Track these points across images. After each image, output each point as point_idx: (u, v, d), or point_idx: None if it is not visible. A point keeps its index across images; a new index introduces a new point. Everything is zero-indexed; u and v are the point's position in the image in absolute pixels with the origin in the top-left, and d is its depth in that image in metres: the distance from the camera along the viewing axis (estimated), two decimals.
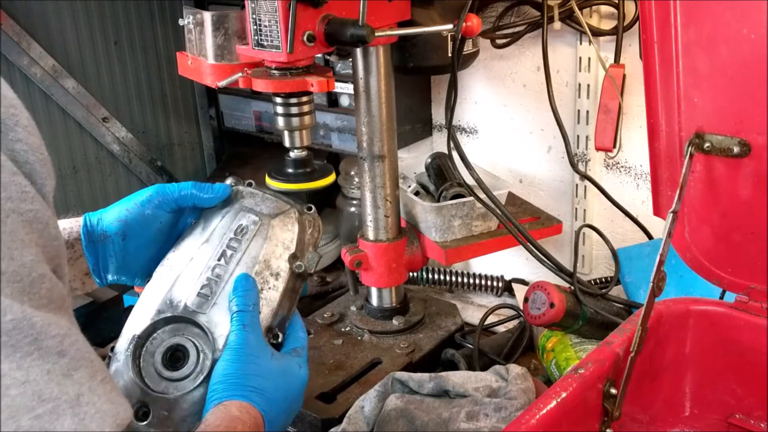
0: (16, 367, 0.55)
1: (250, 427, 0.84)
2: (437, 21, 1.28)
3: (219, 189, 1.01)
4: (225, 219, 1.00)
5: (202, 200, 1.01)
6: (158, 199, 0.99)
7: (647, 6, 0.98)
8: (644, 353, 0.97)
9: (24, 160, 0.61)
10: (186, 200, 1.00)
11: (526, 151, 1.64)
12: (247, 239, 0.98)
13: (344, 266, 1.47)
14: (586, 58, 1.47)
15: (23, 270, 0.57)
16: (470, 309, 1.61)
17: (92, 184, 1.82)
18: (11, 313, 0.55)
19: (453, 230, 1.41)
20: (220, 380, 0.87)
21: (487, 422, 1.08)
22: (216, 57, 1.25)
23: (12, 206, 0.58)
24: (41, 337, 0.56)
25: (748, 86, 0.94)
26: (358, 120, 1.33)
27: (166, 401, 0.90)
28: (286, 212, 1.01)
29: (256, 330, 0.92)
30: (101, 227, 0.98)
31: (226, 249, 0.97)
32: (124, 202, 0.99)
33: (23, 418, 0.54)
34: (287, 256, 0.98)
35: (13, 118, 0.61)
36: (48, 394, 0.56)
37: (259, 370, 0.89)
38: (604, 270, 1.62)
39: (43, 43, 1.66)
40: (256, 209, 1.00)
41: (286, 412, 0.92)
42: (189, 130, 2.00)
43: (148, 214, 0.99)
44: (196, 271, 0.96)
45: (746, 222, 1.02)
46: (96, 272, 0.99)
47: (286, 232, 0.99)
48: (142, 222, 0.99)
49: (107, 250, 0.98)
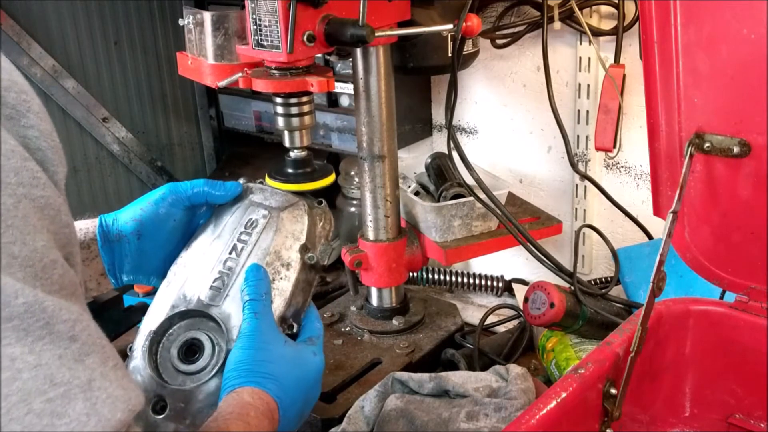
0: (28, 351, 0.54)
1: (263, 413, 0.83)
2: (437, 21, 1.28)
3: (231, 186, 1.03)
4: (235, 214, 1.02)
5: (215, 197, 1.02)
6: (171, 197, 1.00)
7: (647, 6, 0.98)
8: (644, 353, 0.97)
9: (36, 147, 0.61)
10: (198, 197, 1.01)
11: (526, 151, 1.64)
12: (257, 232, 0.99)
13: (344, 266, 1.47)
14: (586, 58, 1.47)
15: (35, 255, 0.57)
16: (470, 309, 1.61)
17: (92, 184, 1.82)
18: (23, 296, 0.55)
19: (453, 230, 1.41)
20: (232, 368, 0.87)
21: (487, 422, 1.08)
22: (216, 57, 1.25)
23: (24, 191, 0.58)
24: (53, 321, 0.56)
25: (748, 86, 0.94)
26: (358, 120, 1.33)
27: (182, 393, 0.90)
28: (295, 204, 1.03)
29: (268, 318, 0.93)
30: (116, 227, 0.99)
31: (237, 243, 0.99)
32: (139, 202, 1.00)
33: (35, 401, 0.54)
34: (297, 246, 0.99)
35: (25, 104, 0.61)
36: (60, 378, 0.55)
37: (271, 357, 0.89)
38: (604, 270, 1.62)
39: (43, 43, 1.66)
40: (266, 203, 1.02)
41: (302, 400, 0.91)
42: (189, 130, 2.00)
43: (162, 212, 1.00)
44: (209, 265, 0.98)
45: (746, 222, 1.02)
46: (111, 272, 1.00)
47: (295, 224, 1.00)
48: (156, 221, 1.00)
49: (123, 250, 0.99)
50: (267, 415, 0.84)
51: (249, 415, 0.81)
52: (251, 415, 0.82)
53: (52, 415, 0.54)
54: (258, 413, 0.83)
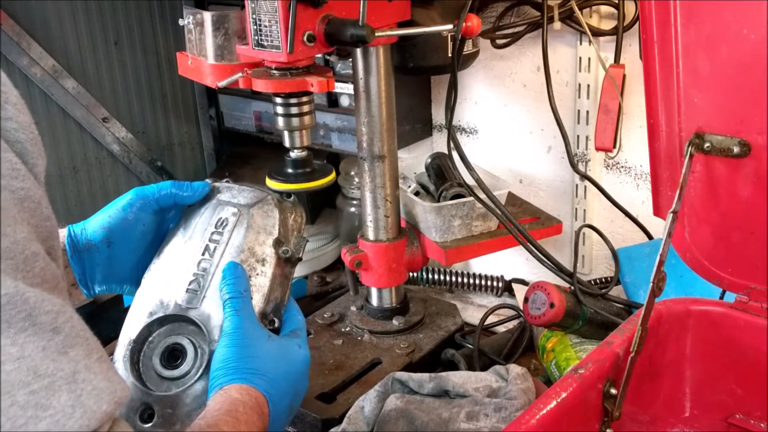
0: (11, 342, 0.54)
1: (252, 407, 0.83)
2: (437, 21, 1.28)
3: (198, 186, 1.02)
4: (204, 215, 1.01)
5: (182, 198, 1.01)
6: (139, 202, 0.99)
7: (647, 6, 0.98)
8: (644, 353, 0.97)
9: (15, 139, 0.60)
10: (166, 200, 1.00)
11: (526, 151, 1.64)
12: (229, 230, 0.98)
13: (344, 266, 1.47)
14: (586, 58, 1.47)
15: (16, 247, 0.56)
16: (470, 309, 1.61)
17: (92, 184, 1.82)
18: (4, 287, 0.54)
19: (453, 230, 1.41)
20: (218, 366, 0.87)
21: (487, 422, 1.08)
22: (216, 57, 1.25)
23: (3, 183, 0.57)
24: (35, 313, 0.56)
25: (748, 86, 0.94)
26: (358, 120, 1.33)
27: (169, 399, 0.90)
28: (264, 200, 1.01)
29: (250, 315, 0.92)
30: (85, 236, 0.98)
31: (209, 243, 0.98)
32: (106, 210, 1.00)
33: (19, 393, 0.53)
34: (271, 241, 0.98)
35: (3, 95, 0.60)
36: (44, 370, 0.55)
37: (256, 352, 0.88)
38: (604, 270, 1.62)
39: (43, 43, 1.66)
40: (234, 201, 1.01)
41: (291, 393, 0.91)
42: (189, 130, 2.00)
43: (131, 218, 0.99)
44: (183, 268, 0.97)
45: (746, 222, 1.02)
46: (83, 282, 0.99)
47: (267, 219, 0.99)
48: (125, 227, 0.99)
49: (93, 259, 0.98)
50: (256, 410, 0.83)
51: (237, 410, 0.81)
52: (240, 410, 0.81)
53: (36, 407, 0.54)
54: (247, 408, 0.82)
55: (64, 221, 1.91)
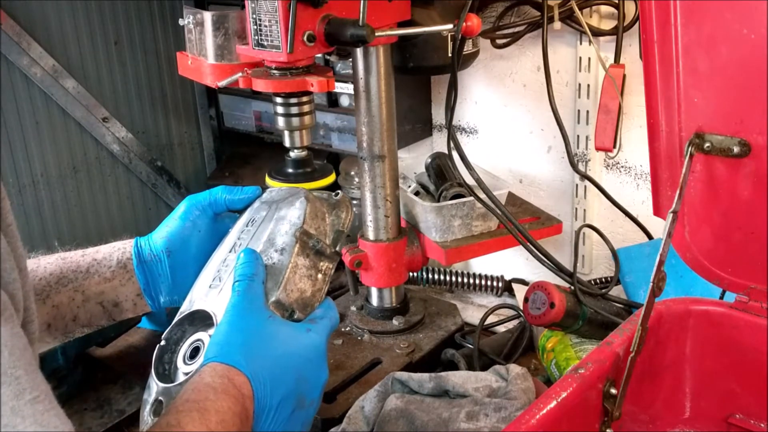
0: None
1: (224, 391, 0.75)
2: (437, 21, 1.28)
3: (249, 190, 1.03)
4: (243, 218, 1.02)
5: (234, 201, 1.02)
6: (193, 209, 1.01)
7: (647, 6, 0.98)
8: (644, 353, 0.97)
9: None
10: (219, 205, 1.02)
11: (526, 151, 1.64)
12: (256, 226, 0.99)
13: (344, 266, 1.47)
14: (586, 58, 1.47)
15: None
16: (470, 309, 1.61)
17: (92, 184, 1.82)
18: None
19: (453, 230, 1.41)
20: (209, 346, 0.83)
21: (487, 422, 1.08)
22: (216, 57, 1.25)
23: None
24: None
25: (748, 86, 0.94)
26: (358, 120, 1.33)
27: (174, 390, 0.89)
28: (295, 194, 1.01)
29: (251, 297, 0.87)
30: (149, 247, 1.00)
31: (237, 240, 0.99)
32: (166, 221, 1.01)
33: None
34: (293, 231, 0.95)
35: None
36: None
37: (244, 328, 0.82)
38: (604, 270, 1.62)
39: (43, 43, 1.66)
40: (267, 198, 1.02)
41: (291, 381, 0.82)
42: (189, 130, 2.00)
43: (187, 225, 1.01)
44: (213, 267, 0.98)
45: (746, 222, 1.02)
46: (147, 293, 1.00)
47: (292, 210, 0.98)
48: (183, 235, 1.00)
49: (156, 269, 1.00)
50: (230, 393, 0.75)
51: (208, 399, 0.74)
52: (210, 399, 0.74)
53: None
54: (218, 394, 0.75)
55: (64, 221, 1.92)
